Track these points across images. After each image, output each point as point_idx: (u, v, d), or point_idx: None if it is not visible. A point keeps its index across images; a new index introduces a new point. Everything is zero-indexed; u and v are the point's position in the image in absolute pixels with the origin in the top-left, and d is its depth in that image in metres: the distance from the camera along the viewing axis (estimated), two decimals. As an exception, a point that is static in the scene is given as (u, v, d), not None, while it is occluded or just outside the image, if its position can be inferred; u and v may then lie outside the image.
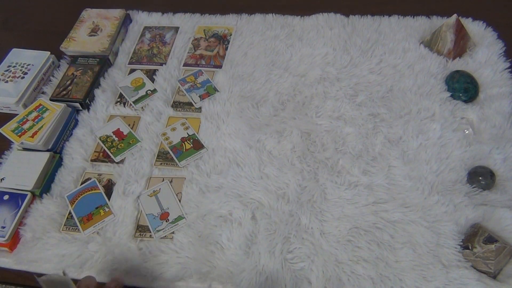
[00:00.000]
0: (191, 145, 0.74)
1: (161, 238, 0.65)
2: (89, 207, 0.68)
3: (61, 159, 0.75)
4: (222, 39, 0.90)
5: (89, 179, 0.72)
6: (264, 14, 0.93)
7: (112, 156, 0.74)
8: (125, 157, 0.74)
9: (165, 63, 0.87)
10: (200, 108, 0.79)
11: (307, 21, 0.91)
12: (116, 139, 0.76)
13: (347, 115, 0.75)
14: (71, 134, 0.78)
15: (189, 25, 0.94)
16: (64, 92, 0.81)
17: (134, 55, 0.90)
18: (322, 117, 0.75)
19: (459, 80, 0.75)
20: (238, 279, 0.60)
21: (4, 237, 0.64)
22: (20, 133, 0.72)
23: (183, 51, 0.89)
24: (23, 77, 0.83)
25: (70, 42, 0.88)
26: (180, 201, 0.68)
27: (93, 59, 0.86)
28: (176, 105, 0.81)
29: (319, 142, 0.72)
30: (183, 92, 0.82)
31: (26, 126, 0.73)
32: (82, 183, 0.71)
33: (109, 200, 0.69)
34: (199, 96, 0.80)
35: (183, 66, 0.87)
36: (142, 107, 0.81)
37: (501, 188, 0.65)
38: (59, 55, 0.90)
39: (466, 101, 0.74)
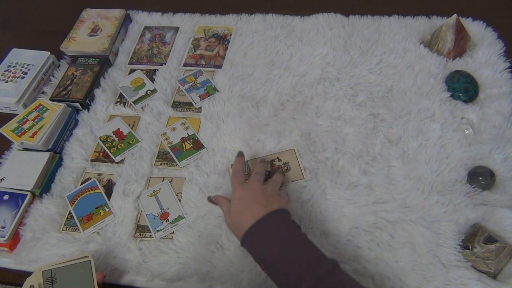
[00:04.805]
0: (191, 145, 0.74)
1: (161, 238, 0.65)
2: (89, 207, 0.68)
3: (61, 159, 0.75)
4: (222, 39, 0.90)
5: (89, 179, 0.72)
6: (264, 14, 0.93)
7: (112, 156, 0.74)
8: (125, 157, 0.74)
9: (165, 63, 0.87)
10: (200, 108, 0.79)
11: (307, 21, 0.91)
12: (116, 139, 0.76)
13: (347, 115, 0.75)
14: (71, 134, 0.78)
15: (189, 25, 0.94)
16: (64, 92, 0.81)
17: (134, 55, 0.90)
18: (322, 117, 0.75)
19: (459, 80, 0.74)
20: (238, 279, 0.60)
21: (4, 237, 0.64)
22: (20, 133, 0.72)
23: (183, 51, 0.89)
24: (23, 77, 0.83)
25: (70, 42, 0.88)
26: (180, 201, 0.68)
27: (93, 59, 0.86)
28: (176, 105, 0.81)
29: (319, 142, 0.72)
30: (183, 92, 0.82)
31: (26, 126, 0.73)
32: (82, 183, 0.71)
33: (109, 200, 0.69)
34: (199, 96, 0.80)
35: (183, 66, 0.87)
36: (142, 107, 0.81)
37: (501, 188, 0.64)
38: (59, 55, 0.90)
39: (466, 101, 0.74)
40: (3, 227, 0.65)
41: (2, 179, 0.70)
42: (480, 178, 0.64)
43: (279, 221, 0.56)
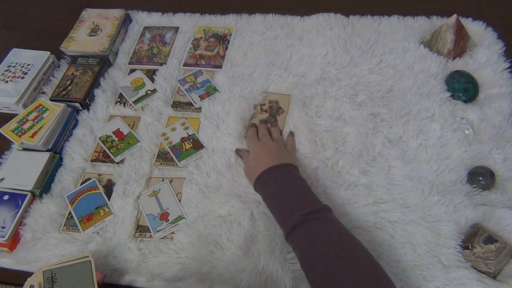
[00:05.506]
0: (191, 145, 0.74)
1: (161, 238, 0.65)
2: (89, 207, 0.68)
3: (61, 159, 0.75)
4: (222, 39, 0.90)
5: (89, 179, 0.72)
6: (264, 14, 0.93)
7: (112, 156, 0.74)
8: (125, 157, 0.74)
9: (165, 63, 0.87)
10: (200, 108, 0.79)
11: (307, 21, 0.90)
12: (116, 139, 0.76)
13: (347, 115, 0.75)
14: (71, 134, 0.78)
15: (189, 25, 0.94)
16: (64, 92, 0.81)
17: (134, 55, 0.90)
18: (322, 117, 0.75)
19: (459, 80, 0.74)
20: (238, 279, 0.60)
21: (4, 237, 0.64)
22: (20, 133, 0.72)
23: (183, 51, 0.89)
24: (23, 77, 0.83)
25: (70, 42, 0.88)
26: (180, 201, 0.68)
27: (93, 59, 0.86)
28: (176, 105, 0.80)
29: (319, 142, 0.72)
30: (183, 92, 0.82)
31: (26, 126, 0.73)
32: (82, 183, 0.71)
33: (109, 200, 0.69)
34: (199, 96, 0.80)
35: (183, 66, 0.87)
36: (142, 107, 0.81)
37: (501, 188, 0.64)
38: (59, 55, 0.90)
39: (466, 101, 0.74)
40: (3, 227, 0.65)
41: (2, 179, 0.70)
42: (480, 178, 0.64)
43: (289, 171, 0.64)
